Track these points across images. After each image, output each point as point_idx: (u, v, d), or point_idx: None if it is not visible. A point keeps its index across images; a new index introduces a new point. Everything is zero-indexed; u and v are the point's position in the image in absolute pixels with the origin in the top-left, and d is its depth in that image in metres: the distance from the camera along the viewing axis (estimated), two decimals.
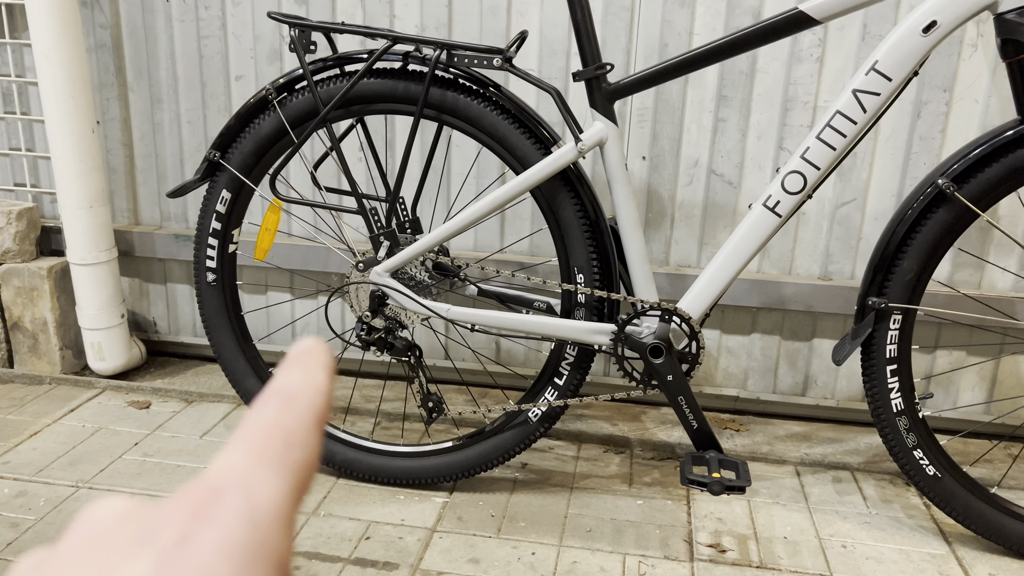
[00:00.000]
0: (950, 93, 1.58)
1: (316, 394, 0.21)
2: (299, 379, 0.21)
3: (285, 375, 0.22)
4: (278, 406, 0.21)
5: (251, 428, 0.20)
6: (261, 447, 0.19)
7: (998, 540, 1.36)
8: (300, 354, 0.23)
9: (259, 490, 0.18)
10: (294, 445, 0.20)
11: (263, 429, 0.20)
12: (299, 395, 0.21)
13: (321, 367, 0.22)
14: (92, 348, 1.87)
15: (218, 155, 1.44)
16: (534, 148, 1.33)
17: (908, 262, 1.29)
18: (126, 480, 1.50)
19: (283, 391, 0.21)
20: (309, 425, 0.20)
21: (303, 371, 0.22)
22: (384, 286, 1.39)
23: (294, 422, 0.20)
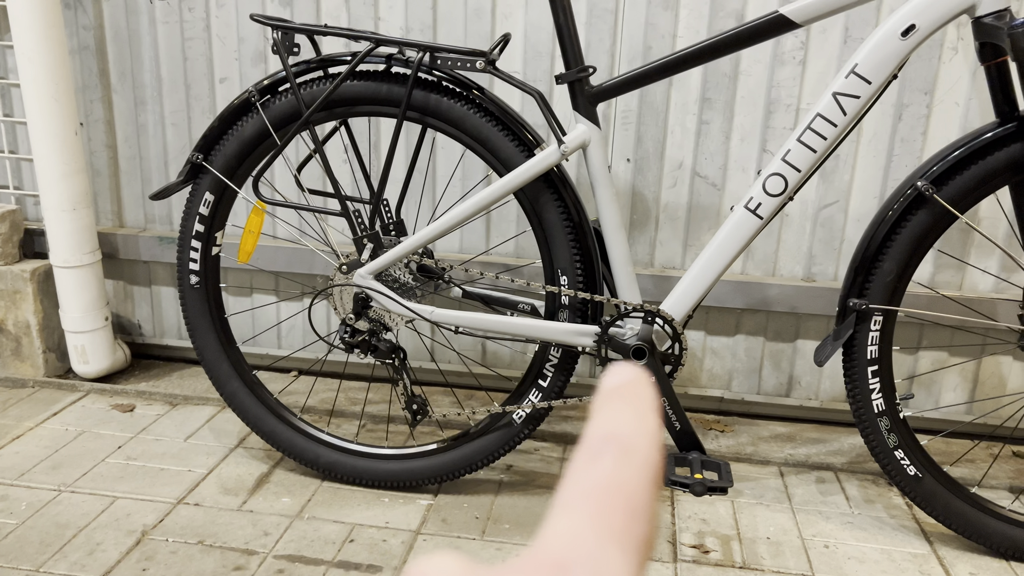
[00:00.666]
0: (931, 96, 1.60)
1: (653, 445, 0.18)
2: (631, 425, 0.19)
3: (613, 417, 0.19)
4: (614, 460, 0.18)
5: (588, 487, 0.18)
6: (604, 515, 0.17)
7: (979, 540, 1.37)
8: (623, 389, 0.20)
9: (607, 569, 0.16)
10: (638, 515, 0.17)
11: (603, 491, 0.18)
12: (635, 446, 0.18)
13: (651, 408, 0.19)
14: (76, 351, 1.86)
15: (201, 157, 1.44)
16: (518, 150, 1.34)
17: (888, 264, 1.30)
18: (109, 484, 1.50)
19: (617, 441, 0.18)
20: (651, 487, 0.18)
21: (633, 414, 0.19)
22: (368, 288, 1.39)
23: (635, 483, 0.18)
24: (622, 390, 0.20)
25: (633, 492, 0.18)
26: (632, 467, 0.18)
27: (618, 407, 0.19)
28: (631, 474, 0.18)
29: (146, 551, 1.32)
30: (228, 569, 1.28)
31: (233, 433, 1.70)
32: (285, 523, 1.41)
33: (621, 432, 0.19)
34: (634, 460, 0.18)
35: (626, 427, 0.19)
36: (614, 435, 0.18)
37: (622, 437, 0.18)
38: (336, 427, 1.73)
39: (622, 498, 0.17)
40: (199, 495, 1.48)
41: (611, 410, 0.19)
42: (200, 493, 1.49)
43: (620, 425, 0.19)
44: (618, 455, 0.18)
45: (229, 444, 1.66)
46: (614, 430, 0.19)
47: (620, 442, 0.18)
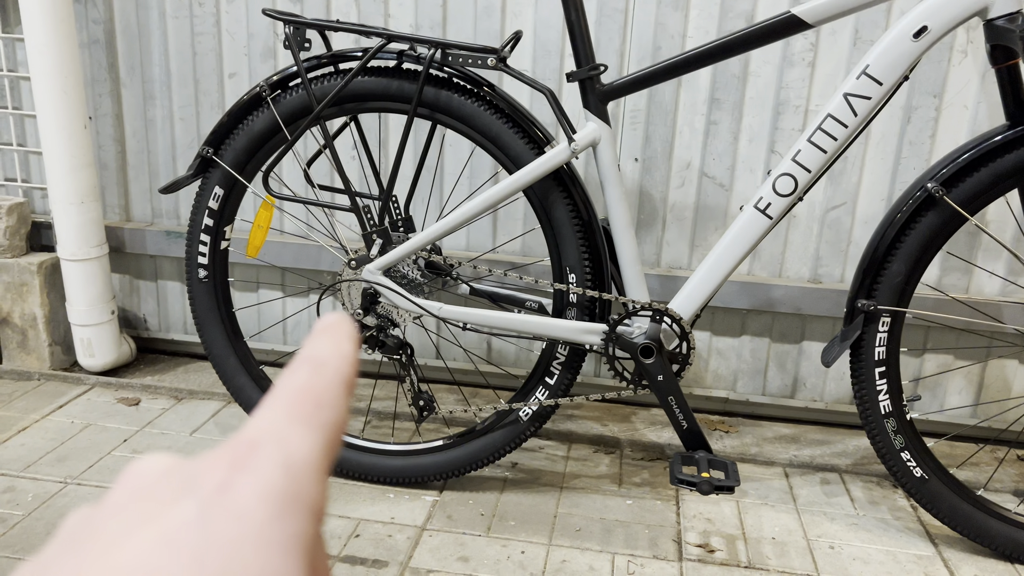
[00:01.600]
0: (940, 99, 1.60)
1: (343, 360, 0.22)
2: (327, 347, 0.23)
3: (313, 344, 0.23)
4: (308, 371, 0.22)
5: (284, 390, 0.21)
6: (294, 406, 0.20)
7: (984, 542, 1.37)
8: (326, 326, 0.24)
9: (293, 443, 0.19)
10: (324, 406, 0.21)
11: (295, 391, 0.21)
12: (328, 361, 0.22)
13: (346, 337, 0.23)
14: (82, 344, 1.86)
15: (211, 151, 1.44)
16: (527, 148, 1.34)
17: (897, 265, 1.30)
18: (115, 477, 1.50)
19: (313, 358, 0.22)
20: (338, 388, 0.21)
21: (330, 340, 0.23)
22: (376, 284, 1.40)
23: (324, 385, 0.21)
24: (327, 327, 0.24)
25: (322, 391, 0.21)
26: (322, 375, 0.21)
27: (318, 338, 0.23)
28: (321, 380, 0.21)
29: None
30: None
31: (238, 428, 1.70)
32: None
33: (317, 353, 0.22)
34: (325, 370, 0.22)
35: (322, 350, 0.22)
36: (311, 355, 0.22)
37: (317, 356, 0.22)
38: None
39: (311, 395, 0.21)
40: None
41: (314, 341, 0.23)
42: None
43: (317, 349, 0.23)
44: (311, 367, 0.22)
45: None
46: (312, 352, 0.22)
47: (314, 359, 0.22)
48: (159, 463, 0.21)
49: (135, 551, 0.18)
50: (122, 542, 0.18)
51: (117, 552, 0.18)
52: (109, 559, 0.18)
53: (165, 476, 0.20)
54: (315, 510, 0.19)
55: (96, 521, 0.19)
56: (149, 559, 0.17)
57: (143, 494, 0.20)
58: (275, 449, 0.19)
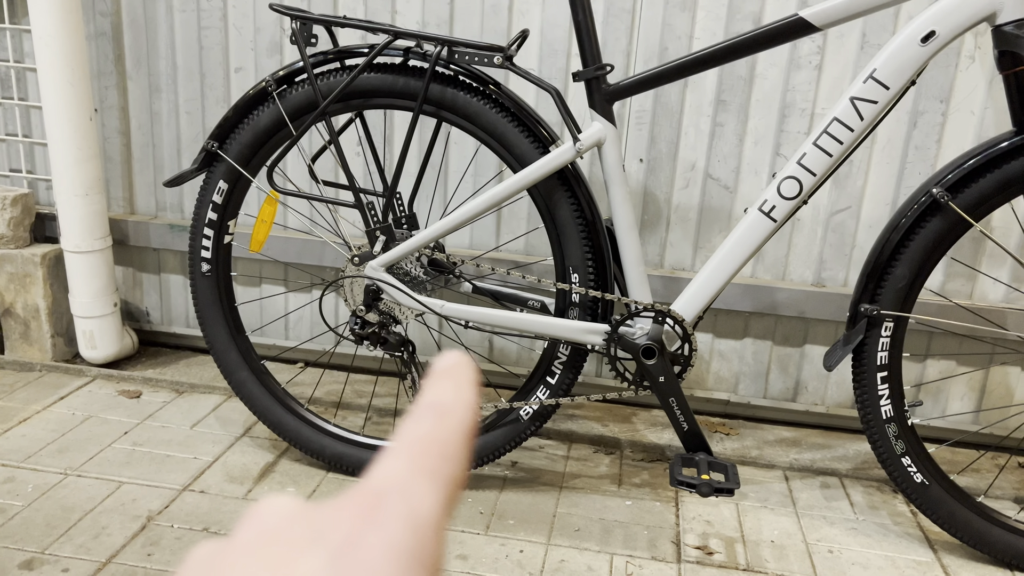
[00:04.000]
0: (947, 104, 1.59)
1: (466, 410, 0.22)
2: (450, 394, 0.23)
3: (436, 389, 0.23)
4: (433, 420, 0.22)
5: (409, 439, 0.21)
6: (419, 458, 0.21)
7: (983, 549, 1.37)
8: (447, 368, 0.24)
9: (419, 498, 0.20)
10: (448, 459, 0.21)
11: (421, 441, 0.21)
12: (451, 410, 0.22)
13: (469, 383, 0.23)
14: (84, 336, 1.86)
15: (216, 145, 1.44)
16: (532, 147, 1.34)
17: (901, 270, 1.30)
18: (115, 469, 1.50)
19: (437, 405, 0.22)
20: (461, 440, 0.22)
21: (453, 386, 0.23)
22: (379, 280, 1.40)
23: (448, 436, 0.21)
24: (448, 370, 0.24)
25: (446, 443, 0.21)
26: (447, 426, 0.21)
27: (440, 381, 0.23)
28: (446, 430, 0.21)
29: (151, 536, 1.32)
30: None
31: (239, 422, 1.70)
32: None
33: (441, 400, 0.22)
34: (449, 421, 0.22)
35: (446, 397, 0.22)
36: (435, 402, 0.22)
37: (441, 403, 0.22)
38: (343, 419, 1.73)
39: (436, 446, 0.21)
40: (204, 482, 1.48)
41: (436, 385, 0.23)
42: (205, 480, 1.49)
43: (441, 395, 0.22)
44: (436, 417, 0.22)
45: (235, 433, 1.66)
46: (436, 398, 0.22)
47: (439, 407, 0.22)
48: (285, 505, 0.21)
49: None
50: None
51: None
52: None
53: (292, 521, 0.20)
54: (436, 568, 0.19)
55: (223, 559, 0.19)
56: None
57: (270, 537, 0.20)
58: (402, 504, 0.19)
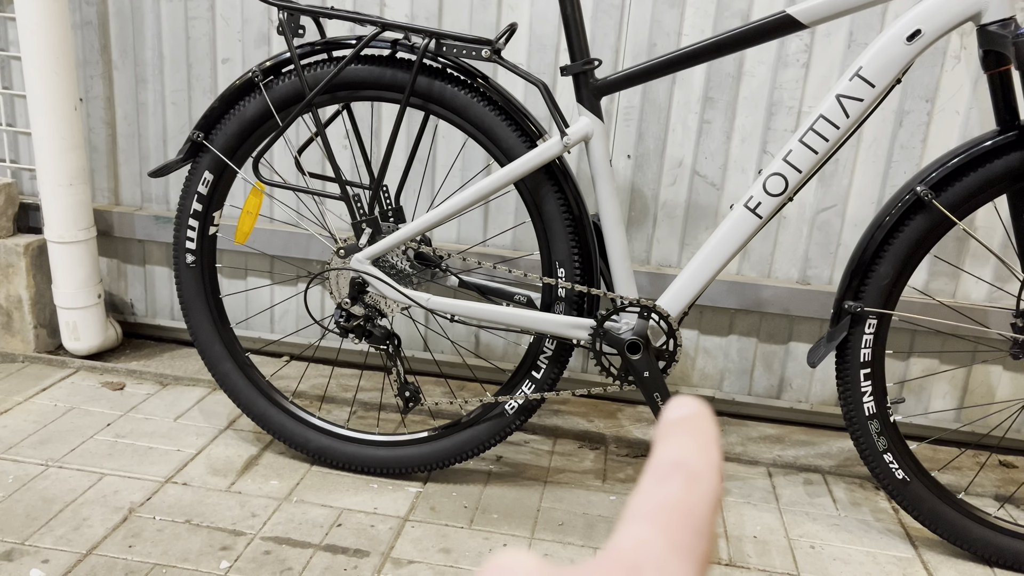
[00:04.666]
0: (932, 103, 1.60)
1: (717, 475, 0.21)
2: (696, 454, 0.21)
3: (680, 446, 0.21)
4: (683, 485, 0.20)
5: (657, 504, 0.20)
6: (672, 530, 0.19)
7: (963, 545, 1.38)
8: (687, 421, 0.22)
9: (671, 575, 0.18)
10: (702, 534, 0.19)
11: (671, 509, 0.20)
12: (700, 475, 0.20)
13: (713, 439, 0.22)
14: (67, 327, 1.85)
15: (201, 136, 1.43)
16: (520, 141, 1.34)
17: (885, 267, 1.31)
18: (97, 460, 1.49)
19: (685, 468, 0.20)
20: (713, 513, 0.20)
21: (698, 444, 0.21)
22: (365, 273, 1.39)
23: (700, 507, 0.20)
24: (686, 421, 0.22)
25: (698, 514, 0.19)
26: (698, 492, 0.20)
27: (684, 437, 0.21)
28: (697, 498, 0.20)
29: (133, 528, 1.31)
30: (215, 549, 1.28)
31: (223, 415, 1.69)
32: (273, 505, 1.41)
33: (688, 460, 0.20)
34: (700, 486, 0.20)
35: (693, 456, 0.21)
36: (682, 462, 0.20)
37: (690, 464, 0.20)
38: (327, 412, 1.73)
39: (688, 517, 0.19)
40: (187, 475, 1.47)
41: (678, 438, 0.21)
42: (188, 473, 1.48)
43: (687, 453, 0.21)
44: (686, 480, 0.20)
45: (219, 425, 1.65)
46: (682, 457, 0.21)
47: (688, 468, 0.20)
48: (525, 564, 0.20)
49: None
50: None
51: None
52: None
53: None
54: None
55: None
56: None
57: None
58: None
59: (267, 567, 1.25)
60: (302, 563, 1.26)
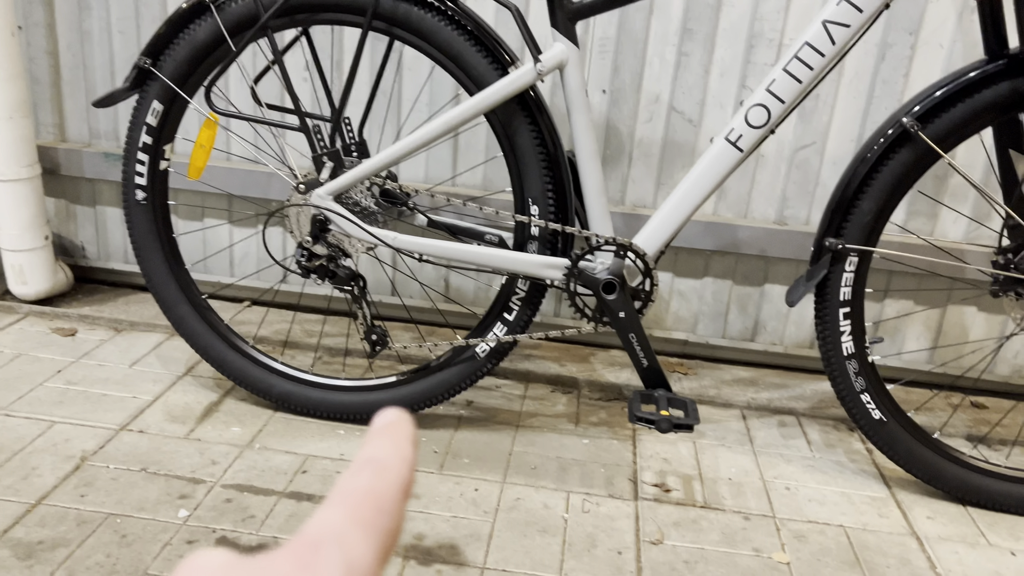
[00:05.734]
0: (915, 36, 1.55)
1: (404, 466, 0.23)
2: (389, 450, 0.23)
3: (375, 445, 0.24)
4: (371, 474, 0.22)
5: (346, 491, 0.22)
6: (356, 509, 0.21)
7: (938, 484, 1.38)
8: (386, 426, 0.25)
9: (353, 548, 0.20)
10: (384, 512, 0.22)
11: (358, 494, 0.22)
12: (389, 465, 0.23)
13: (407, 440, 0.24)
14: (13, 271, 1.75)
15: (149, 62, 1.34)
16: (491, 68, 1.26)
17: (867, 203, 1.27)
18: (47, 408, 1.42)
19: (375, 461, 0.23)
20: (398, 495, 0.22)
21: (391, 443, 0.24)
22: (326, 209, 1.32)
23: (385, 491, 0.22)
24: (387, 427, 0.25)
25: (383, 497, 0.22)
26: (385, 480, 0.22)
27: (379, 438, 0.24)
28: (383, 485, 0.22)
29: (85, 477, 1.25)
30: (173, 497, 1.23)
31: (181, 361, 1.62)
32: (235, 452, 1.35)
33: (379, 456, 0.23)
34: (387, 476, 0.22)
35: (385, 452, 0.23)
36: (374, 458, 0.23)
37: (379, 459, 0.23)
38: (290, 358, 1.67)
39: (373, 499, 0.22)
40: (143, 422, 1.41)
41: (376, 441, 0.24)
42: (145, 420, 1.42)
43: (379, 451, 0.23)
44: (375, 471, 0.23)
45: (177, 372, 1.58)
46: (375, 454, 0.23)
47: (378, 462, 0.23)
48: (216, 559, 0.21)
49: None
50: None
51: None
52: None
53: (228, 572, 0.20)
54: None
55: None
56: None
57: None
58: (338, 554, 0.20)
59: (228, 515, 1.20)
60: (265, 510, 1.22)
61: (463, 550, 1.17)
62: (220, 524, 1.18)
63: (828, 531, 1.29)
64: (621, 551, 1.20)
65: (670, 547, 1.22)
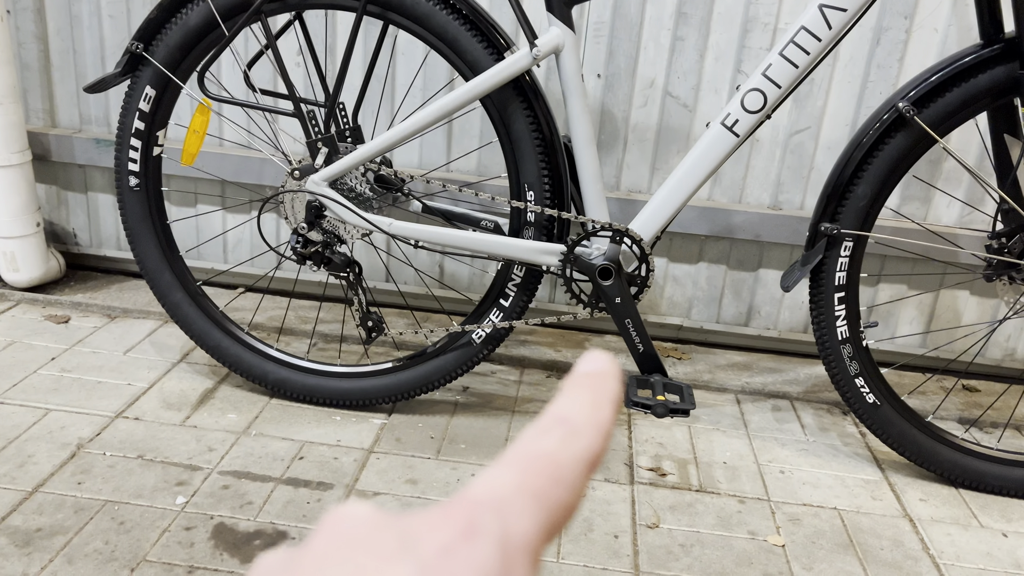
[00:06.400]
0: (910, 20, 1.55)
1: (599, 435, 0.20)
2: (585, 412, 0.21)
3: (572, 402, 0.21)
4: (559, 439, 0.20)
5: (525, 452, 0.20)
6: (529, 476, 0.19)
7: (931, 467, 1.39)
8: (590, 377, 0.22)
9: (516, 520, 0.18)
10: (561, 484, 0.19)
11: (537, 458, 0.20)
12: (581, 431, 0.20)
13: (609, 400, 0.21)
14: (5, 258, 1.74)
15: (141, 47, 1.32)
16: (486, 53, 1.26)
17: (863, 188, 1.27)
18: (42, 396, 1.41)
19: (568, 423, 0.20)
20: (583, 467, 0.20)
21: (591, 403, 0.21)
22: (321, 195, 1.31)
23: (570, 460, 0.20)
24: (591, 378, 0.22)
25: (564, 465, 0.20)
26: (572, 446, 0.20)
27: (580, 394, 0.21)
28: (569, 452, 0.20)
29: (82, 464, 1.25)
30: (170, 484, 1.23)
31: (176, 348, 1.62)
32: (231, 439, 1.35)
33: (573, 417, 0.20)
34: (576, 443, 0.20)
35: (580, 414, 0.21)
36: (567, 418, 0.20)
37: (573, 422, 0.20)
38: (286, 344, 1.66)
39: (552, 466, 0.19)
40: (139, 409, 1.41)
41: (575, 394, 0.21)
42: (140, 407, 1.41)
43: (575, 411, 0.21)
44: (564, 435, 0.20)
45: (172, 359, 1.58)
46: (569, 414, 0.21)
47: (570, 425, 0.20)
48: (368, 513, 0.19)
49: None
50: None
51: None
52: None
53: (377, 529, 0.19)
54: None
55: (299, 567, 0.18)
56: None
57: (353, 545, 0.18)
58: (496, 522, 0.18)
59: (226, 501, 1.20)
60: (263, 496, 1.22)
61: None
62: (218, 510, 1.18)
63: (822, 514, 1.30)
64: (617, 535, 1.21)
65: (666, 531, 1.23)
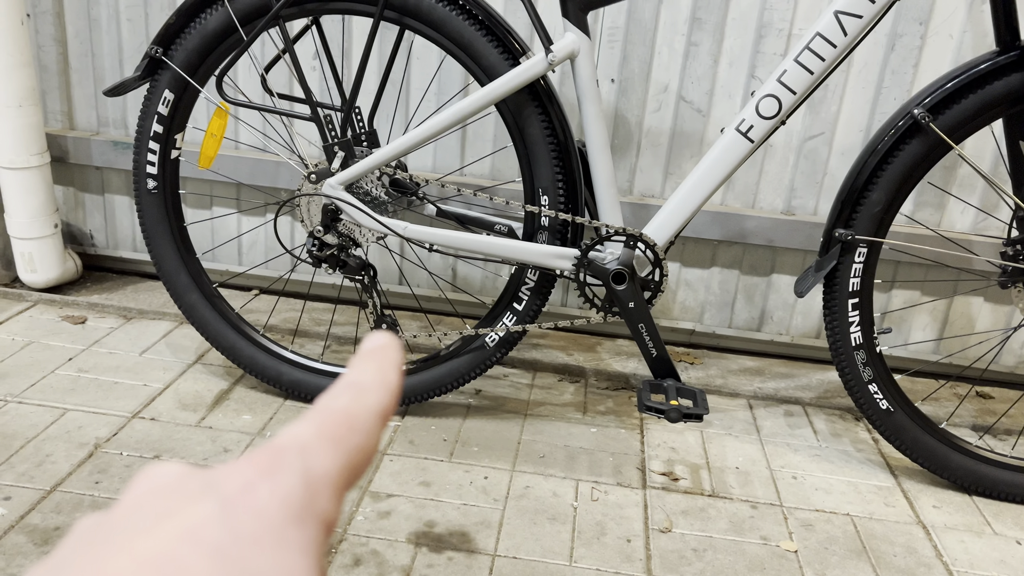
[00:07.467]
0: (926, 26, 1.55)
1: (385, 391, 0.23)
2: (372, 375, 0.23)
3: (359, 369, 0.24)
4: (350, 396, 0.22)
5: (322, 409, 0.22)
6: (327, 425, 0.21)
7: (944, 474, 1.38)
8: (374, 350, 0.24)
9: (317, 458, 0.20)
10: (356, 431, 0.22)
11: (332, 412, 0.22)
12: (370, 389, 0.23)
13: (392, 366, 0.24)
14: (23, 259, 1.76)
15: (160, 51, 1.34)
16: (502, 58, 1.26)
17: (877, 194, 1.27)
18: (59, 396, 1.43)
19: (356, 384, 0.23)
20: (374, 417, 0.22)
21: (376, 368, 0.24)
22: (337, 199, 1.32)
23: (361, 412, 0.22)
24: (374, 351, 0.24)
25: (357, 416, 0.22)
26: (363, 403, 0.22)
27: (365, 362, 0.24)
28: (360, 407, 0.22)
29: (99, 464, 1.26)
30: None
31: (191, 349, 1.63)
32: (246, 440, 1.36)
33: (361, 379, 0.23)
34: (366, 398, 0.22)
35: (367, 377, 0.23)
36: (355, 381, 0.23)
37: (361, 382, 0.23)
38: (300, 346, 1.67)
39: (346, 419, 0.22)
40: (155, 409, 1.42)
41: (361, 364, 0.24)
42: (156, 408, 1.43)
43: (363, 375, 0.23)
44: (355, 393, 0.22)
45: (187, 360, 1.59)
46: (356, 378, 0.23)
47: (358, 385, 0.23)
48: (173, 469, 0.21)
49: (156, 542, 0.18)
50: (142, 535, 0.18)
51: (138, 543, 0.18)
52: (130, 551, 0.18)
53: (182, 479, 0.20)
54: (326, 524, 0.20)
55: (110, 522, 0.19)
56: (170, 549, 0.18)
57: (159, 493, 0.20)
58: (298, 460, 0.20)
59: None
60: None
61: (474, 537, 1.18)
62: None
63: (835, 520, 1.30)
64: (630, 539, 1.21)
65: (679, 535, 1.23)
